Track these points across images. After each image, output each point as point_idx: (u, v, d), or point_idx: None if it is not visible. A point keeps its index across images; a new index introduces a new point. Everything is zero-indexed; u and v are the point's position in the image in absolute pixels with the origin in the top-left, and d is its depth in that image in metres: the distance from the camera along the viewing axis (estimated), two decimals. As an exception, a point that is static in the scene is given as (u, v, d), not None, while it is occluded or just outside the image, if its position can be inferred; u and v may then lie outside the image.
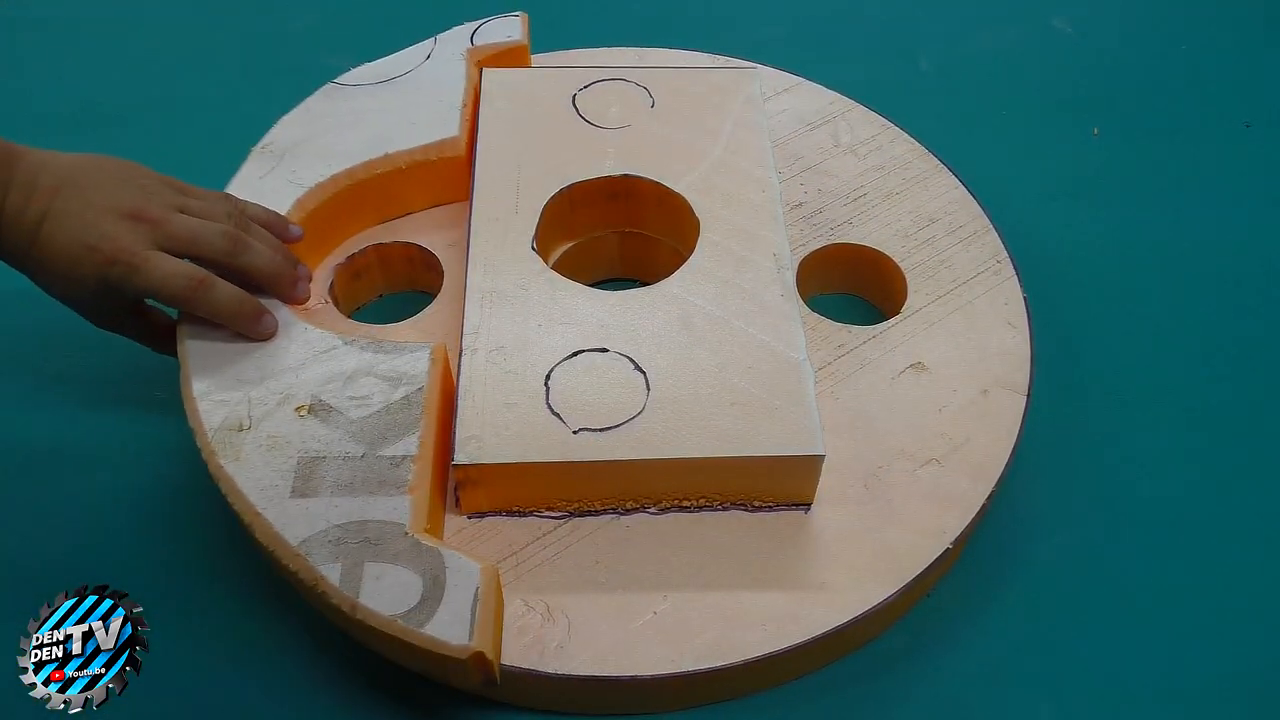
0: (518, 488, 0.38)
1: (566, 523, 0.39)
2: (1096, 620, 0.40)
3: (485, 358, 0.40)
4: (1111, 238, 0.53)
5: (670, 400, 0.39)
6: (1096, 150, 0.59)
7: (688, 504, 0.40)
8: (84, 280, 0.39)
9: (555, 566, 0.38)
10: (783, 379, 0.39)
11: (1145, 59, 0.64)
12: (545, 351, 0.40)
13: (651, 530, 0.39)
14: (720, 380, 0.39)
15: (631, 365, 0.40)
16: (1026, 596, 0.41)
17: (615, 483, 0.38)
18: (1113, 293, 0.51)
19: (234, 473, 0.37)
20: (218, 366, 0.40)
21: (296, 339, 0.40)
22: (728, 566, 0.38)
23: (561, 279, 0.43)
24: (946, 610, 0.40)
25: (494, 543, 0.39)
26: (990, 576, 0.41)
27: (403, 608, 0.33)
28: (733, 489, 0.39)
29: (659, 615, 0.37)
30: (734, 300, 0.42)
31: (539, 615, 0.37)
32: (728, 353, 0.40)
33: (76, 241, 0.38)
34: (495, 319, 0.41)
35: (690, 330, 0.41)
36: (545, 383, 0.39)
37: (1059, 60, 0.64)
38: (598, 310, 0.42)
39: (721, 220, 0.45)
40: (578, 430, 0.38)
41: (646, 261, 0.50)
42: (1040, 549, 0.42)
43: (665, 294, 0.42)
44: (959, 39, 0.65)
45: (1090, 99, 0.61)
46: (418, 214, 0.50)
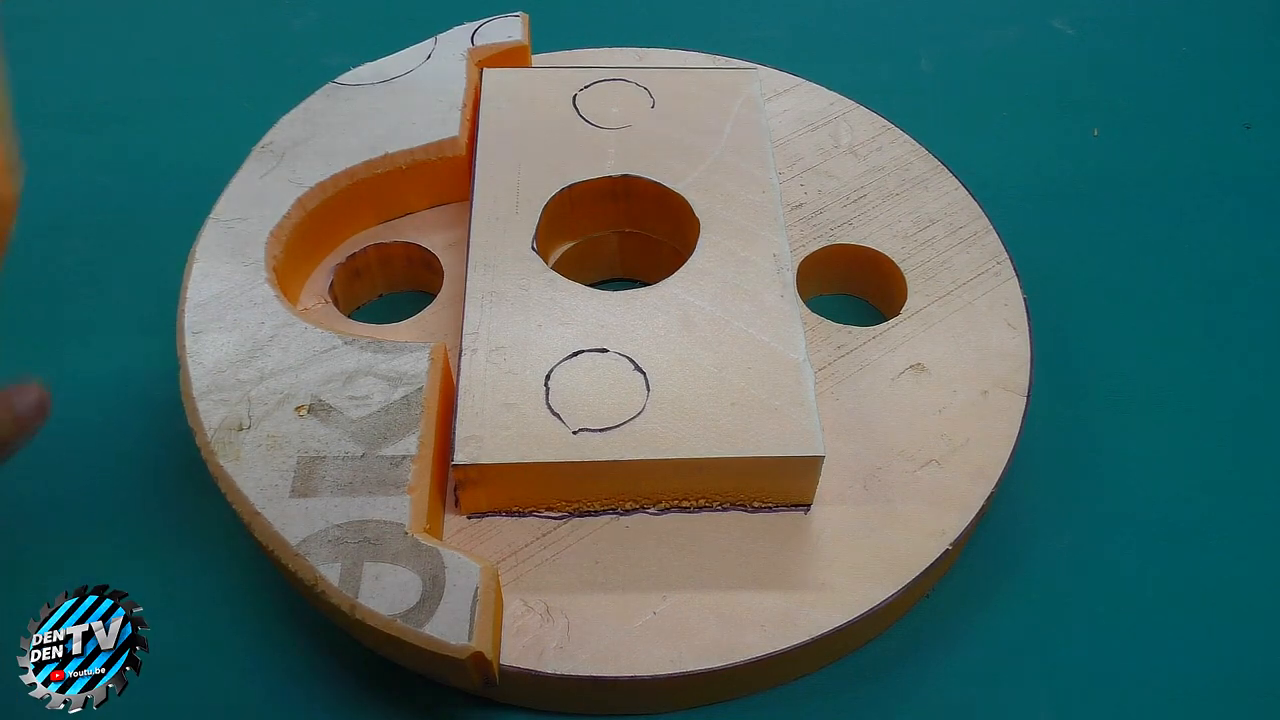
0: (517, 488, 0.38)
1: (566, 523, 0.39)
2: (1096, 620, 0.40)
3: (485, 358, 0.40)
4: (1111, 238, 0.53)
5: (670, 400, 0.39)
6: (1096, 151, 0.59)
7: (687, 504, 0.40)
8: None
9: (555, 566, 0.38)
10: (783, 379, 0.39)
11: (1145, 59, 0.64)
12: (545, 352, 0.40)
13: (651, 530, 0.39)
14: (720, 380, 0.39)
15: (631, 365, 0.40)
16: (1026, 596, 0.41)
17: (615, 483, 0.38)
18: (1113, 294, 0.51)
19: (233, 472, 0.37)
20: (217, 366, 0.40)
21: (296, 339, 0.40)
22: (727, 567, 0.38)
23: (562, 279, 0.43)
24: (946, 610, 0.40)
25: (494, 543, 0.39)
26: (990, 576, 0.41)
27: (402, 607, 0.33)
28: (732, 489, 0.39)
29: (659, 615, 0.37)
30: (734, 300, 0.42)
31: (538, 615, 0.37)
32: (728, 353, 0.40)
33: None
34: (495, 319, 0.41)
35: (690, 330, 0.41)
36: (545, 383, 0.39)
37: (1059, 61, 0.64)
38: (598, 310, 0.42)
39: (722, 220, 0.45)
40: (578, 430, 0.38)
41: (646, 262, 0.50)
42: (1040, 549, 0.42)
43: (665, 294, 0.42)
44: (959, 40, 0.65)
45: (1090, 99, 0.61)
46: (418, 214, 0.50)
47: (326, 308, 0.46)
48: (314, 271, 0.48)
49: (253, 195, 0.45)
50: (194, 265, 0.44)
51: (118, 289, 0.52)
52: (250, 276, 0.43)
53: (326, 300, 0.46)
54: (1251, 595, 0.41)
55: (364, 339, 0.41)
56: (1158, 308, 0.51)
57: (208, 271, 0.43)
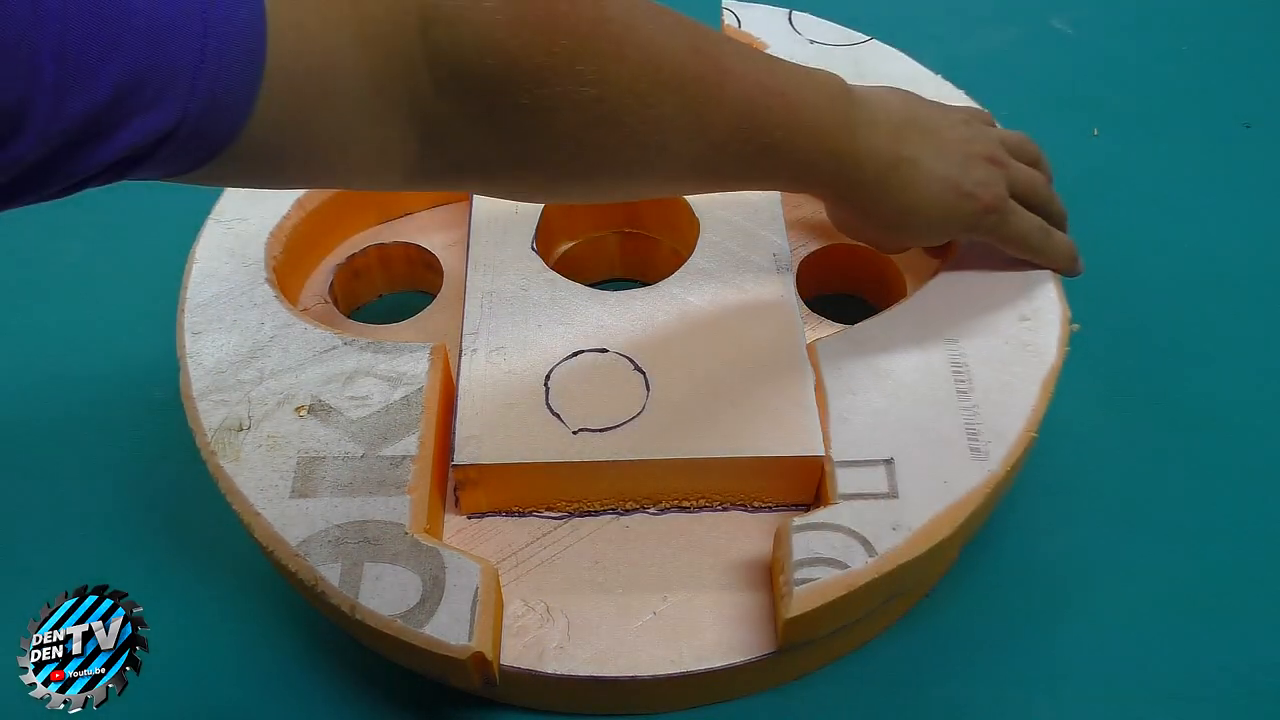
0: (518, 488, 0.38)
1: (566, 523, 0.39)
2: (1096, 620, 0.40)
3: (485, 358, 0.40)
4: (1111, 238, 0.53)
5: (670, 401, 0.39)
6: (1096, 150, 0.59)
7: (687, 504, 0.40)
8: (948, 224, 0.39)
9: (555, 567, 0.38)
10: (783, 380, 0.39)
11: (1145, 59, 0.64)
12: (545, 352, 0.40)
13: (651, 530, 0.39)
14: (720, 381, 0.39)
15: (631, 366, 0.40)
16: (1026, 596, 0.41)
17: (615, 483, 0.38)
18: (1112, 293, 0.51)
19: (233, 473, 0.37)
20: (217, 367, 0.40)
21: (296, 339, 0.40)
22: (727, 567, 0.38)
23: (562, 279, 0.43)
24: (946, 610, 0.40)
25: (494, 543, 0.39)
26: (990, 576, 0.41)
27: (402, 608, 0.33)
28: (733, 489, 0.39)
29: (658, 616, 0.37)
30: (734, 300, 0.42)
31: (538, 615, 0.37)
32: (727, 353, 0.40)
33: (948, 187, 0.38)
34: (495, 319, 0.41)
35: (690, 330, 0.41)
36: (545, 383, 0.39)
37: (1059, 60, 0.64)
38: (598, 310, 0.42)
39: (721, 220, 0.45)
40: (577, 430, 0.38)
41: (646, 261, 0.50)
42: (1040, 549, 0.42)
43: (665, 294, 0.42)
44: (958, 39, 0.65)
45: (1090, 99, 0.61)
46: (418, 214, 0.50)
47: (326, 307, 0.46)
48: (314, 272, 0.48)
49: (253, 195, 0.45)
50: (194, 265, 0.44)
51: (118, 289, 0.52)
52: (250, 277, 0.43)
53: (326, 300, 0.46)
54: (1252, 593, 0.41)
55: (364, 339, 0.41)
56: (1158, 306, 0.51)
57: (208, 272, 0.43)
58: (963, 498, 0.36)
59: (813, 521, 0.35)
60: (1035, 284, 0.42)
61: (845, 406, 0.38)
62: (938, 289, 0.42)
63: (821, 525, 0.35)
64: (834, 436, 0.38)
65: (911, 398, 0.39)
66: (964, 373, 0.39)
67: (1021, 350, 0.40)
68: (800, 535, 0.35)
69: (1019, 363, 0.40)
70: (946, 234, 0.40)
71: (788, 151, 0.35)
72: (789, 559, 0.34)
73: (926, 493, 0.36)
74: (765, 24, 0.54)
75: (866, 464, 0.37)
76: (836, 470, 0.37)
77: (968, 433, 0.38)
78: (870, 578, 0.34)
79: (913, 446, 0.37)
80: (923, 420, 0.38)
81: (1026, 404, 0.38)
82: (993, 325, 0.41)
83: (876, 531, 0.35)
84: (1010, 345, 0.40)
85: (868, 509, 0.36)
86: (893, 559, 0.35)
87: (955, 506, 0.36)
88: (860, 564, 0.34)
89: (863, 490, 0.36)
